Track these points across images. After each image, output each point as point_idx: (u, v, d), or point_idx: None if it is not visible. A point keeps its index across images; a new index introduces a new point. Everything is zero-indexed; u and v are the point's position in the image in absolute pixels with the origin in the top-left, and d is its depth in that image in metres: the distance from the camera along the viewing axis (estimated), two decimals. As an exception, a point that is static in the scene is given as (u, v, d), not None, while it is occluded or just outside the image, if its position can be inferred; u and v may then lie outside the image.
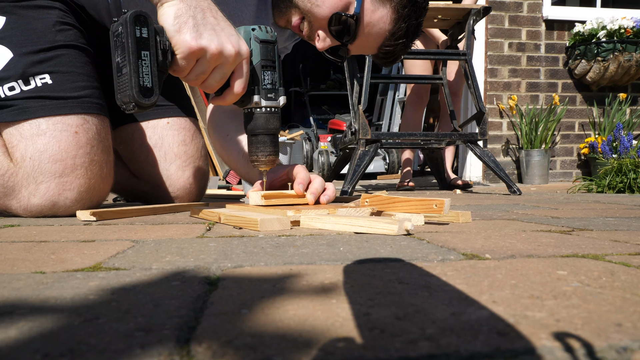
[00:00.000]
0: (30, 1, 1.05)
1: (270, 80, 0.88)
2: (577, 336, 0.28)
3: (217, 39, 0.79)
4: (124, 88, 0.78)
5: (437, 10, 2.22)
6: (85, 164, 1.01)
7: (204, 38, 0.78)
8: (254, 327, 0.30)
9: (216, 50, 0.78)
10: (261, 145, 0.90)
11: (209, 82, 0.83)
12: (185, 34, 0.77)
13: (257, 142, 0.91)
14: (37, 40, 1.02)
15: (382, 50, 1.07)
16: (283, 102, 0.91)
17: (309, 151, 4.86)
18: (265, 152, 0.91)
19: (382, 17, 1.01)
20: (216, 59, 0.80)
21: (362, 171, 2.05)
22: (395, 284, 0.40)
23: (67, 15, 1.09)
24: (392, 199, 0.89)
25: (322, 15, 1.00)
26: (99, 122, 1.06)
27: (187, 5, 0.79)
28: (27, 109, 0.99)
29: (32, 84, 1.00)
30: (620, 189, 2.30)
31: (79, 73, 1.05)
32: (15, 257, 0.55)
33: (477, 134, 2.19)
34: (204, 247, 0.61)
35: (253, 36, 0.87)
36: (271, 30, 0.88)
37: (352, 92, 2.30)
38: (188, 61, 0.79)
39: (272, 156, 0.92)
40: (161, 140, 1.28)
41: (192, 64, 0.80)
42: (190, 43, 0.77)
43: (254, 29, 0.87)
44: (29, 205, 1.00)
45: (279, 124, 0.91)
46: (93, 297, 0.37)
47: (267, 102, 0.88)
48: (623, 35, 3.14)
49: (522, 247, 0.60)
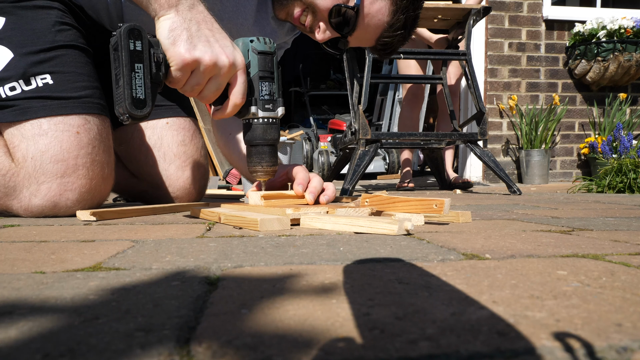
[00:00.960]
0: (29, 2, 1.05)
1: (268, 91, 0.89)
2: (577, 336, 0.28)
3: (211, 51, 0.79)
4: (119, 99, 0.79)
5: (437, 10, 2.22)
6: (87, 164, 1.01)
7: (198, 50, 0.79)
8: (254, 327, 0.30)
9: (210, 61, 0.79)
10: (260, 156, 0.91)
11: (204, 93, 0.84)
12: (179, 46, 0.78)
13: (255, 152, 0.91)
14: (37, 41, 1.02)
15: (380, 41, 1.08)
16: (281, 112, 0.91)
17: (309, 151, 4.86)
18: (264, 163, 0.91)
19: (380, 8, 1.03)
20: (210, 70, 0.80)
21: (362, 171, 2.05)
22: (395, 284, 0.40)
23: (66, 15, 1.09)
24: (392, 199, 0.89)
25: (325, 7, 1.02)
26: (100, 122, 1.06)
27: (182, 19, 0.80)
28: (28, 109, 0.99)
29: (33, 84, 1.00)
30: (620, 189, 2.30)
31: (80, 73, 1.05)
32: (15, 257, 0.55)
33: (477, 134, 2.19)
34: (204, 247, 0.61)
35: (251, 47, 0.87)
36: (270, 42, 0.89)
37: (352, 92, 2.30)
38: (183, 73, 0.80)
39: (270, 167, 0.92)
40: (160, 140, 1.28)
41: (186, 76, 0.81)
42: (184, 55, 0.78)
43: (253, 40, 0.87)
44: (30, 205, 0.99)
45: (278, 134, 0.92)
46: (93, 297, 0.37)
47: (265, 113, 0.89)
48: (623, 35, 3.14)
49: (522, 247, 0.60)
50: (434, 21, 2.33)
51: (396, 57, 2.21)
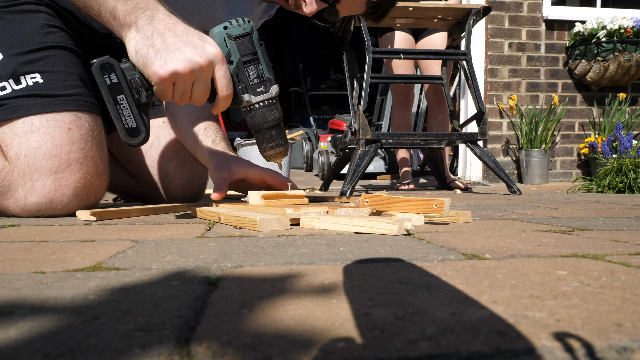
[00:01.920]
0: (16, 6, 1.07)
1: (256, 74, 0.87)
2: (577, 336, 0.28)
3: (183, 58, 0.78)
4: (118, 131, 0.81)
5: (437, 10, 2.22)
6: (80, 159, 1.01)
7: (171, 62, 0.78)
8: (254, 327, 0.30)
9: (185, 69, 0.78)
10: (268, 139, 0.90)
11: (194, 97, 0.83)
12: (150, 66, 0.78)
13: (262, 137, 0.90)
14: (26, 42, 1.04)
15: (371, 3, 1.06)
16: (276, 90, 0.89)
17: (309, 151, 4.85)
18: (273, 144, 0.91)
19: None
20: (190, 76, 0.80)
21: (362, 171, 2.05)
22: (395, 284, 0.40)
23: (54, 18, 1.10)
24: (392, 199, 0.89)
25: None
26: (91, 119, 1.06)
27: (144, 36, 0.79)
28: (19, 107, 1.00)
29: (23, 83, 1.01)
30: (620, 189, 2.30)
31: (70, 72, 1.06)
32: (15, 257, 0.55)
33: (477, 134, 2.19)
34: (204, 247, 0.61)
35: (227, 35, 0.86)
36: (244, 22, 0.87)
37: (352, 92, 2.30)
38: (165, 88, 0.80)
39: (282, 147, 0.92)
40: (158, 139, 1.27)
41: (170, 88, 0.81)
42: (158, 73, 0.78)
43: (226, 26, 0.86)
44: (27, 204, 1.00)
45: (278, 114, 0.90)
46: (93, 297, 0.37)
47: (258, 97, 0.88)
48: (623, 35, 3.14)
49: (522, 247, 0.60)
50: (434, 21, 2.33)
51: (396, 57, 2.21)
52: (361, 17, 2.14)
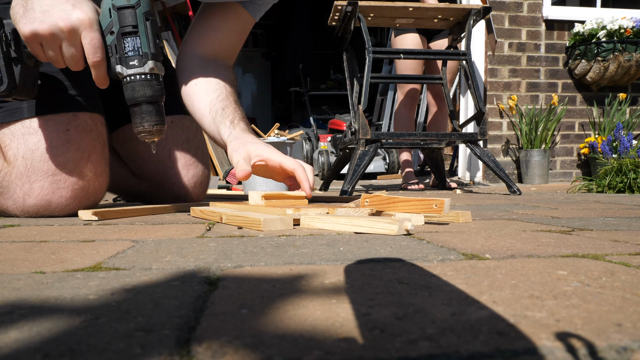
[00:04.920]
0: None
1: (132, 47, 0.87)
2: (578, 336, 0.28)
3: (47, 20, 0.82)
4: None
5: (437, 10, 2.22)
6: (78, 160, 1.01)
7: (34, 22, 0.82)
8: (254, 327, 0.30)
9: (46, 31, 0.82)
10: (140, 116, 0.89)
11: (67, 61, 0.87)
12: (18, 22, 0.83)
13: (135, 113, 0.90)
14: None
15: None
16: (151, 66, 0.88)
17: (309, 151, 4.85)
18: (145, 123, 0.89)
19: None
20: (53, 39, 0.84)
21: (362, 171, 2.05)
22: (395, 284, 0.40)
23: None
24: (392, 199, 0.89)
25: None
26: (90, 119, 1.05)
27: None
28: (17, 109, 1.00)
29: None
30: (620, 189, 2.30)
31: (67, 72, 1.06)
32: (15, 257, 0.55)
33: (477, 134, 2.19)
34: (204, 247, 0.60)
35: (111, 5, 0.87)
36: None
37: (352, 92, 2.30)
38: (33, 46, 0.85)
39: (154, 126, 0.90)
40: (165, 139, 1.26)
41: (39, 47, 0.85)
42: (22, 30, 0.83)
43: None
44: (25, 206, 1.00)
45: (156, 91, 0.89)
46: (93, 297, 0.37)
47: (131, 70, 0.88)
48: (623, 35, 3.14)
49: (522, 247, 0.60)
50: (434, 21, 2.33)
51: (396, 57, 2.21)
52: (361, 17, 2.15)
